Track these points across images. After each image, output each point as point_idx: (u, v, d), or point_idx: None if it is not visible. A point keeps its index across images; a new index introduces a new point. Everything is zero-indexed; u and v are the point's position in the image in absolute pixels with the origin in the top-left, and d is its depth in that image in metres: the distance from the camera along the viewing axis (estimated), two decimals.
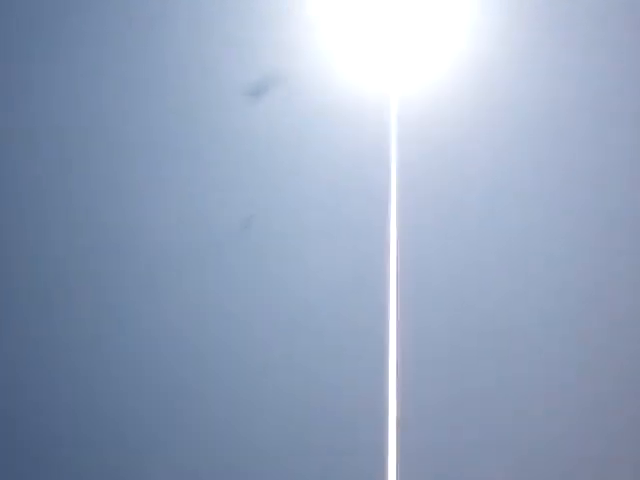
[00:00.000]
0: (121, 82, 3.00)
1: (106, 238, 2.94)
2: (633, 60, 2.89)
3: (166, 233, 2.93)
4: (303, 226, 2.86)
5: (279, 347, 2.85)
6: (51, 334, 2.94)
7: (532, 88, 2.88)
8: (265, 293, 2.88)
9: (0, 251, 2.93)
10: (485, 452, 2.87)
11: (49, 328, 2.94)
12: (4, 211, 2.96)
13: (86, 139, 2.99)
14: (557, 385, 2.91)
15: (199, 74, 2.96)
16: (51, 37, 3.01)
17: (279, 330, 2.87)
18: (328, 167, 2.86)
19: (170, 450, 2.86)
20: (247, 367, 2.88)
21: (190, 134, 2.97)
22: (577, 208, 2.95)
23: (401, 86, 2.82)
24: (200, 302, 2.89)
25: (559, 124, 2.91)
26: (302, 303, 2.87)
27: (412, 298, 2.87)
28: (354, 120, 2.88)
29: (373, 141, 2.89)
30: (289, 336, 2.87)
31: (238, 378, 2.88)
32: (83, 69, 2.99)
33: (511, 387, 2.89)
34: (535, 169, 2.86)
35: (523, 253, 2.91)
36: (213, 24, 2.93)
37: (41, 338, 2.94)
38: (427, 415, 2.84)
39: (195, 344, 2.87)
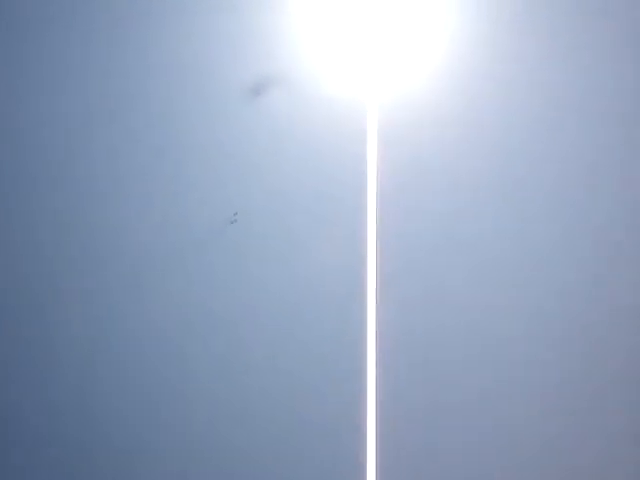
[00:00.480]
0: (107, 81, 2.98)
1: (90, 238, 2.92)
2: (622, 60, 2.89)
3: (150, 233, 2.91)
4: (285, 227, 2.85)
5: (261, 347, 2.83)
6: (34, 334, 2.92)
7: (515, 92, 2.88)
8: (247, 293, 2.86)
9: None
10: (468, 457, 2.86)
11: (32, 328, 2.92)
12: None
13: (71, 138, 2.97)
14: (547, 389, 2.90)
15: (182, 77, 2.94)
16: (41, 36, 2.99)
17: (261, 330, 2.85)
18: (310, 170, 2.85)
19: (153, 449, 2.84)
20: (230, 367, 2.86)
21: (174, 135, 2.95)
22: (565, 211, 2.95)
23: (384, 89, 2.81)
24: (183, 302, 2.87)
25: (544, 128, 2.91)
26: (284, 303, 2.86)
27: (393, 300, 2.86)
28: (336, 124, 2.87)
29: (355, 145, 2.88)
30: (271, 336, 2.85)
31: (221, 378, 2.86)
32: (68, 68, 2.97)
33: (497, 394, 2.88)
34: (520, 173, 2.85)
35: (505, 258, 2.91)
36: (194, 25, 2.92)
37: (25, 338, 2.92)
38: (407, 418, 2.83)
39: (179, 344, 2.85)
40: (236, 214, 2.82)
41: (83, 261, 2.93)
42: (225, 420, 2.82)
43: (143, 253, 2.87)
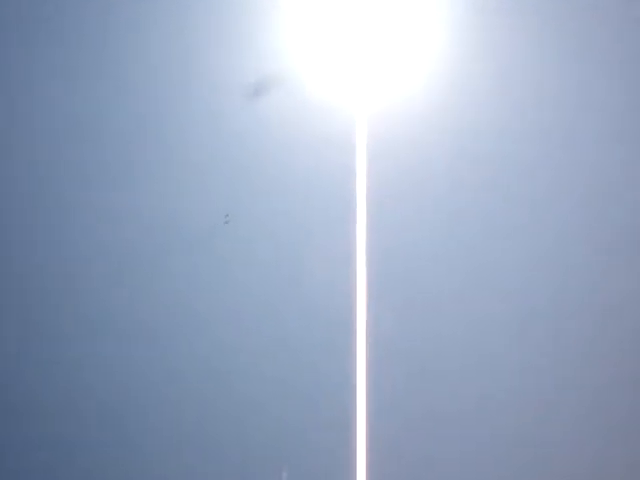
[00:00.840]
0: (97, 80, 2.95)
1: (76, 238, 2.89)
2: (617, 56, 2.84)
3: (137, 233, 2.87)
4: (273, 232, 2.81)
5: (247, 351, 2.80)
6: (19, 334, 2.90)
7: (510, 99, 2.83)
8: (232, 297, 2.83)
9: None
10: (465, 467, 2.82)
11: (17, 328, 2.90)
12: None
13: (59, 138, 2.94)
14: (545, 395, 2.86)
15: (172, 77, 2.91)
16: (29, 35, 2.98)
17: (246, 334, 2.81)
18: (299, 175, 2.81)
19: (141, 451, 2.82)
20: (216, 369, 2.83)
21: (165, 135, 2.92)
22: (561, 218, 2.90)
23: (375, 97, 2.77)
24: (169, 303, 2.83)
25: (537, 143, 2.86)
26: (270, 308, 2.82)
27: (383, 307, 2.82)
28: (327, 132, 2.83)
29: (345, 152, 2.85)
30: (257, 340, 2.82)
31: (207, 380, 2.83)
32: (58, 66, 2.94)
33: (494, 402, 2.83)
34: (516, 180, 2.80)
35: (500, 265, 2.86)
36: (184, 27, 2.88)
37: (11, 338, 2.90)
38: (399, 427, 2.79)
39: (164, 345, 2.82)
40: (227, 215, 2.79)
41: (68, 261, 2.90)
42: (212, 422, 2.80)
43: (129, 252, 2.84)
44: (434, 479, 2.76)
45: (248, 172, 2.82)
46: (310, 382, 2.79)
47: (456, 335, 2.75)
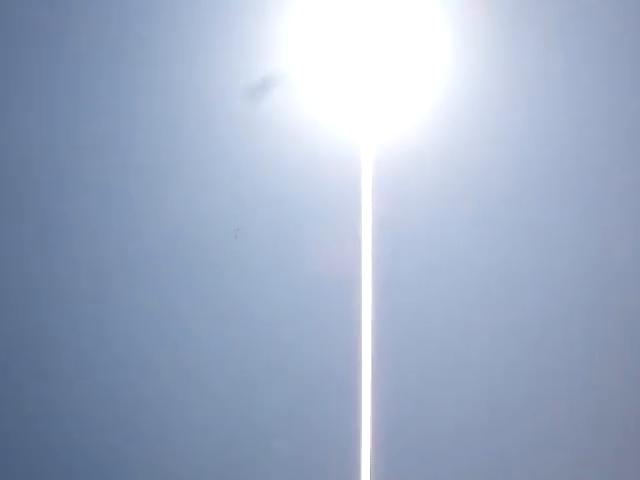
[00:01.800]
0: (107, 81, 2.93)
1: (92, 241, 2.87)
2: (620, 63, 2.78)
3: (154, 237, 2.85)
4: (275, 251, 2.77)
5: (247, 371, 2.76)
6: (25, 333, 2.89)
7: (512, 136, 2.77)
8: (232, 314, 2.80)
9: None
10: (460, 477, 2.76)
11: (24, 325, 2.89)
12: None
13: (73, 140, 2.92)
14: (558, 402, 2.79)
15: (184, 80, 2.88)
16: (29, 34, 2.97)
17: (246, 351, 2.78)
18: (301, 194, 2.78)
19: (124, 465, 2.79)
20: (215, 392, 2.80)
21: (179, 140, 2.89)
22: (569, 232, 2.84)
23: (379, 114, 2.74)
24: (159, 310, 2.80)
25: (543, 171, 2.82)
26: (271, 325, 2.79)
27: (388, 323, 2.78)
28: (329, 148, 2.80)
29: (350, 170, 2.82)
30: (258, 358, 2.78)
31: (197, 392, 2.80)
32: (59, 65, 2.93)
33: (506, 411, 2.77)
34: (518, 218, 2.75)
35: (510, 270, 2.80)
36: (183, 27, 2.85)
37: (15, 333, 2.89)
38: (404, 446, 2.74)
39: (152, 355, 2.78)
40: (238, 230, 2.76)
41: (65, 270, 2.89)
42: (202, 437, 2.76)
43: (147, 256, 2.82)
44: None
45: (249, 187, 2.78)
46: (313, 399, 2.74)
47: (468, 345, 2.68)
